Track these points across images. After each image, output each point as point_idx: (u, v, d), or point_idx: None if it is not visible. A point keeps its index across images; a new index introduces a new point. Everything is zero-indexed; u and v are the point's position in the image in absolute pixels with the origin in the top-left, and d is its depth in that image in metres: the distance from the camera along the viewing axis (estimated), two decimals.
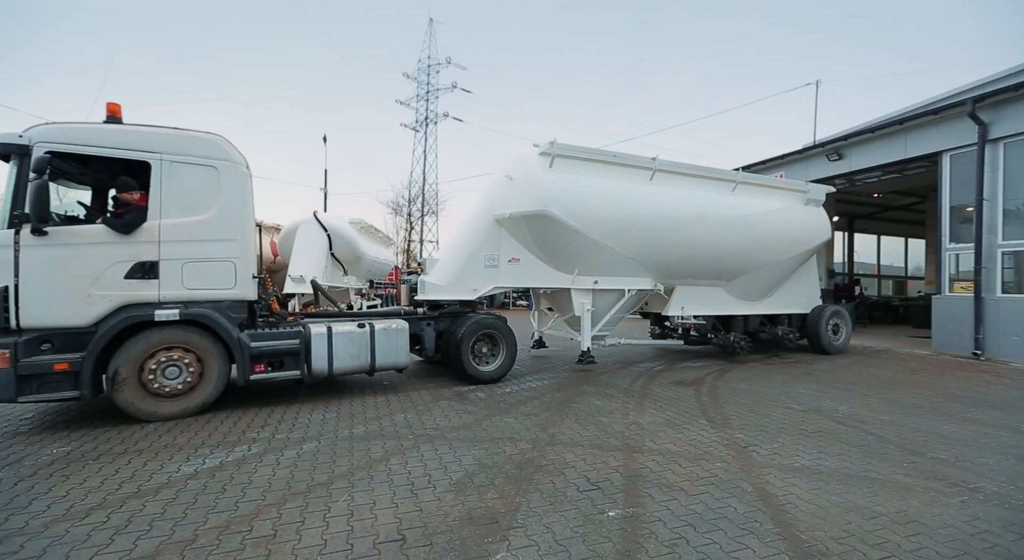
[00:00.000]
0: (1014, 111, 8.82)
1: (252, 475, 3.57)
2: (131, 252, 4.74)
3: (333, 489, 3.35)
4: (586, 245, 7.25)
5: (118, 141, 4.79)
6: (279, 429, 4.68)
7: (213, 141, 5.22)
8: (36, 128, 4.60)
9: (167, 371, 4.86)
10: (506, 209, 7.06)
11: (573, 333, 8.33)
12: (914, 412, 5.40)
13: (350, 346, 5.85)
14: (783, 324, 9.74)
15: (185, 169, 4.99)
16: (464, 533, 2.77)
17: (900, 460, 3.95)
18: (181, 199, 4.96)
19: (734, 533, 2.79)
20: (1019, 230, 8.87)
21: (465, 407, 5.53)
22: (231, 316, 5.19)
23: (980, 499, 3.25)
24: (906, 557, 2.56)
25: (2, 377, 4.25)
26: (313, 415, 5.17)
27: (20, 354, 4.31)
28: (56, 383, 4.47)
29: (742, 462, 3.87)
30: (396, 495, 3.26)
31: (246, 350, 5.20)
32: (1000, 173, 9.05)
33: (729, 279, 8.84)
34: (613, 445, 4.25)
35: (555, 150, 7.02)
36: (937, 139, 10.03)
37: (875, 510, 3.07)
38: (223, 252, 5.15)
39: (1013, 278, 9.00)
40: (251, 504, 3.12)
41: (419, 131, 41.82)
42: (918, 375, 7.57)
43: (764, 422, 4.96)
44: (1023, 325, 8.60)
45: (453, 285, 6.95)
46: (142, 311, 4.77)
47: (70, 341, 4.56)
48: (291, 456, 3.96)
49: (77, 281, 4.54)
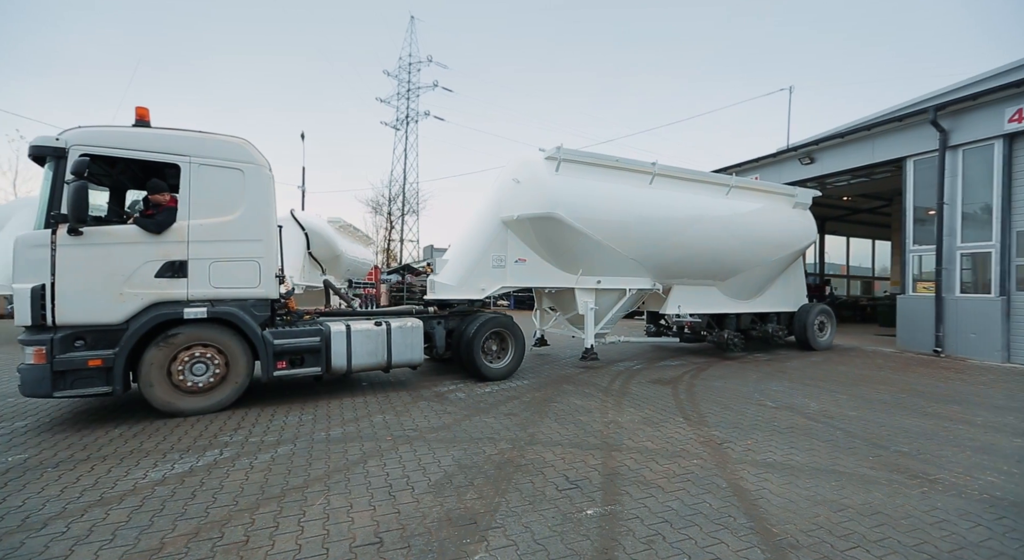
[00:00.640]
0: (972, 119, 9.25)
1: (224, 480, 3.47)
2: (161, 252, 4.89)
3: (309, 493, 3.29)
4: (590, 246, 7.50)
5: (150, 144, 4.95)
6: (253, 432, 4.56)
7: (239, 145, 5.39)
8: (71, 131, 4.74)
9: (194, 368, 5.01)
10: (513, 211, 7.26)
11: (576, 331, 8.51)
12: (879, 407, 5.60)
13: (368, 344, 6.01)
14: (772, 322, 10.17)
15: (212, 171, 5.15)
16: (443, 534, 2.76)
17: (866, 454, 4.09)
18: (209, 200, 5.12)
19: (709, 528, 2.84)
20: (976, 233, 9.30)
21: (445, 407, 5.50)
22: (255, 314, 5.34)
23: (939, 490, 3.40)
24: (870, 547, 2.66)
25: (38, 373, 4.41)
26: (288, 417, 5.06)
27: (56, 351, 4.47)
28: (89, 379, 4.61)
29: (717, 458, 3.95)
30: (374, 497, 3.22)
31: (270, 347, 5.36)
32: (959, 178, 9.47)
33: (723, 279, 9.19)
34: (592, 444, 4.28)
35: (561, 155, 7.28)
36: (902, 145, 10.44)
37: (842, 503, 3.18)
38: (248, 252, 5.30)
39: (971, 279, 9.43)
40: (222, 510, 3.03)
41: (400, 129, 41.43)
42: (883, 372, 7.87)
43: (739, 419, 5.08)
44: (980, 323, 9.03)
45: (462, 284, 7.12)
46: (171, 309, 4.91)
47: (102, 338, 4.68)
48: (265, 459, 3.87)
49: (110, 280, 4.69)
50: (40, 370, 4.42)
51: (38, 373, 4.43)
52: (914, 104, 13.65)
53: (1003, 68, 13.12)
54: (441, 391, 6.32)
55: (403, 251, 39.89)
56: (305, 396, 6.00)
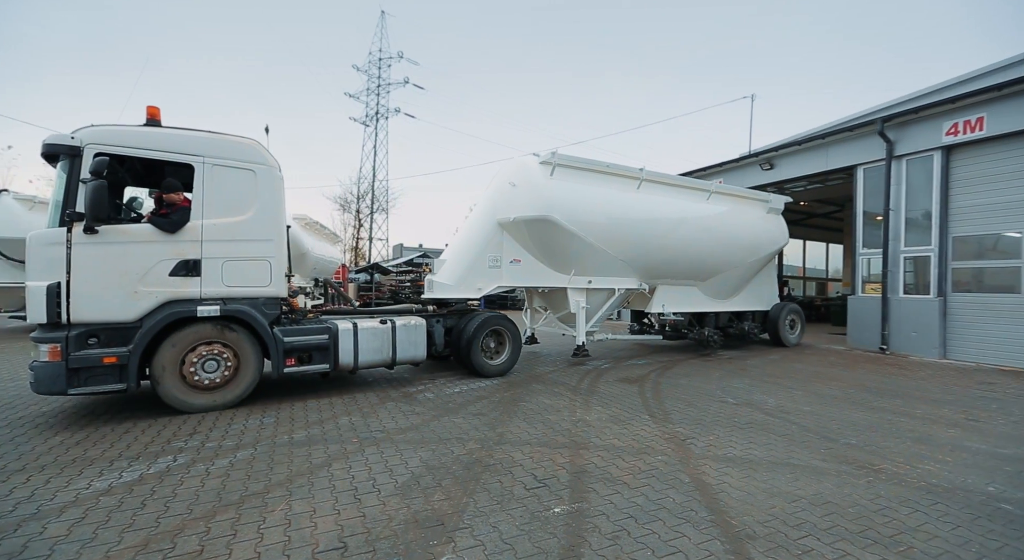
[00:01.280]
0: (914, 131, 9.88)
1: (177, 487, 3.31)
2: (176, 250, 4.94)
3: (269, 498, 3.18)
4: (583, 248, 7.81)
5: (164, 144, 5.00)
6: (210, 437, 4.37)
7: (251, 146, 5.46)
8: (86, 130, 4.74)
9: (206, 365, 5.07)
10: (510, 213, 7.48)
11: (566, 329, 8.86)
12: (831, 402, 5.91)
13: (374, 341, 6.15)
14: (748, 320, 10.73)
15: (225, 172, 5.21)
16: (409, 537, 2.72)
17: (818, 447, 4.31)
18: (221, 200, 5.18)
19: (672, 522, 2.92)
20: (918, 237, 9.94)
21: (413, 408, 5.43)
22: (266, 312, 5.42)
23: (882, 479, 3.61)
24: (820, 535, 2.80)
25: (53, 370, 4.42)
26: (249, 421, 4.88)
27: (71, 348, 4.48)
28: (102, 376, 4.64)
29: (681, 454, 4.06)
30: (338, 501, 3.14)
31: (280, 345, 5.45)
32: (903, 186, 10.10)
33: (703, 279, 9.67)
34: (560, 442, 4.32)
35: (556, 160, 7.60)
36: (853, 153, 11.03)
37: (796, 494, 3.33)
38: (260, 251, 5.38)
39: (913, 280, 10.08)
40: (175, 519, 2.89)
41: (369, 126, 40.63)
42: (835, 369, 8.30)
43: (701, 415, 5.25)
44: (920, 322, 9.66)
45: (460, 284, 7.32)
46: (185, 307, 4.96)
47: (115, 336, 4.71)
48: (223, 465, 3.71)
49: (125, 278, 4.72)
50: (55, 367, 4.43)
51: (53, 370, 4.43)
52: (865, 115, 14.45)
53: (945, 84, 14.07)
54: (409, 391, 6.24)
55: (372, 250, 39.12)
56: (267, 399, 5.79)
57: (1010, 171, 8.70)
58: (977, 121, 8.93)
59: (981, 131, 8.88)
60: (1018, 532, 2.87)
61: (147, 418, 4.89)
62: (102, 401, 5.57)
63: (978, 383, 7.15)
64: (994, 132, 8.73)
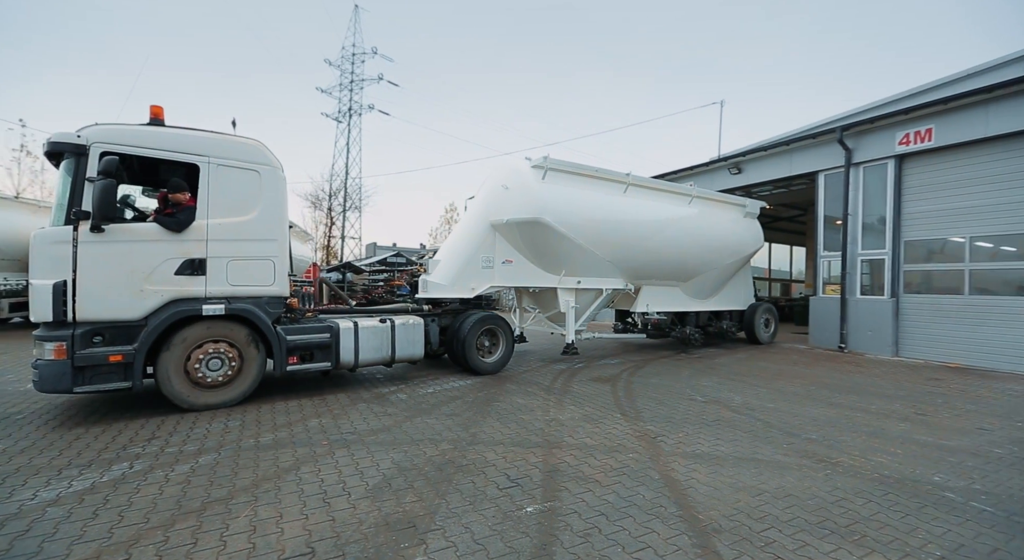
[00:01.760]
0: (870, 140, 10.39)
1: (133, 496, 3.16)
2: (181, 249, 4.97)
3: (233, 504, 3.07)
4: (573, 249, 8.03)
5: (170, 144, 5.02)
6: (170, 442, 4.19)
7: (255, 146, 5.52)
8: (91, 128, 4.74)
9: (211, 363, 5.11)
10: (503, 215, 7.66)
11: (556, 328, 9.08)
12: (793, 399, 6.15)
13: (374, 340, 6.27)
14: (727, 319, 11.24)
15: (230, 172, 5.27)
16: (379, 540, 2.68)
17: (781, 442, 4.47)
18: (226, 200, 5.23)
19: (642, 519, 2.98)
20: (874, 241, 10.45)
21: (385, 409, 5.35)
22: (269, 311, 5.47)
23: (840, 471, 3.78)
24: (782, 527, 2.91)
25: (59, 368, 4.41)
26: (213, 424, 4.70)
27: (76, 346, 4.48)
28: (107, 374, 4.65)
29: (651, 452, 4.15)
30: (306, 506, 3.07)
31: (283, 343, 5.51)
32: (861, 192, 10.60)
33: (685, 280, 10.11)
34: (533, 442, 4.34)
35: (548, 164, 7.82)
36: (815, 160, 11.50)
37: (760, 488, 3.45)
38: (264, 251, 5.44)
39: (869, 282, 10.59)
40: (130, 529, 2.76)
41: (342, 122, 39.76)
42: (797, 367, 8.64)
43: (671, 413, 5.37)
44: (875, 322, 10.16)
45: (454, 284, 7.45)
46: (190, 306, 4.99)
47: (120, 334, 4.71)
48: (183, 471, 3.57)
49: (131, 276, 4.74)
50: (61, 366, 4.41)
51: (59, 369, 4.42)
52: (828, 123, 15.08)
53: (900, 95, 14.81)
54: (382, 392, 6.14)
55: (344, 248, 38.33)
56: None
57: (955, 180, 9.25)
58: (926, 132, 9.46)
59: (930, 141, 9.41)
60: (960, 519, 3.06)
61: (101, 423, 4.65)
62: (54, 405, 5.27)
63: (926, 379, 7.58)
64: (941, 143, 9.27)
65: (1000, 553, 2.68)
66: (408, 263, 13.42)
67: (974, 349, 8.86)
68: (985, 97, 8.64)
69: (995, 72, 12.51)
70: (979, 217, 8.93)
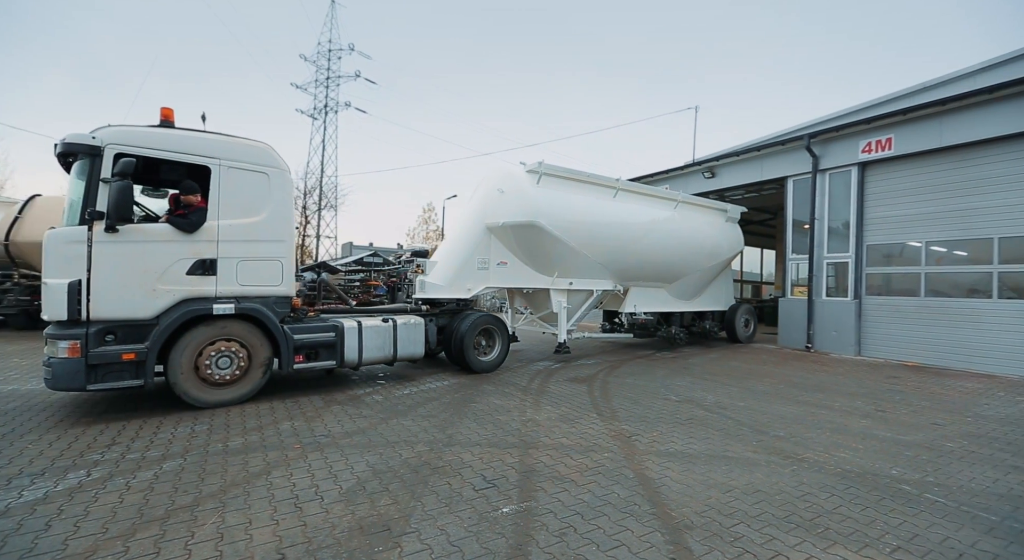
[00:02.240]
0: (836, 148, 10.82)
1: (90, 505, 3.02)
2: (193, 250, 5.05)
3: (199, 511, 2.97)
4: (565, 251, 8.32)
5: (182, 146, 5.09)
6: (132, 447, 4.02)
7: (264, 149, 5.63)
8: (105, 130, 4.79)
9: (220, 361, 5.19)
10: (498, 218, 7.88)
11: (548, 328, 9.36)
12: (763, 398, 6.34)
13: (377, 339, 6.40)
14: (709, 319, 11.79)
15: (240, 174, 5.36)
16: (353, 544, 2.64)
17: (751, 439, 4.61)
18: (237, 202, 5.32)
19: (616, 517, 3.02)
20: (839, 245, 10.88)
21: (360, 411, 5.26)
22: (277, 311, 5.58)
23: (805, 467, 3.92)
24: (751, 522, 2.99)
25: (72, 366, 4.46)
26: (178, 429, 4.54)
27: (90, 345, 4.53)
28: (120, 372, 4.71)
29: (626, 451, 4.21)
30: (277, 511, 2.99)
31: (290, 342, 5.63)
32: (826, 198, 11.02)
33: (670, 281, 10.54)
34: (510, 442, 4.35)
35: (542, 169, 8.11)
36: (784, 166, 11.90)
37: (730, 485, 3.55)
38: (272, 252, 5.55)
39: (834, 284, 11.01)
40: (86, 540, 2.63)
41: (317, 119, 38.95)
42: (767, 366, 8.91)
43: (646, 413, 5.46)
44: (839, 322, 10.58)
45: (451, 285, 7.63)
46: (201, 305, 5.07)
47: (132, 333, 4.78)
48: (146, 478, 3.43)
49: (144, 276, 4.81)
50: (75, 364, 4.46)
51: (72, 367, 4.46)
52: (796, 130, 15.62)
53: (866, 104, 15.46)
54: (357, 394, 6.05)
55: (319, 248, 37.54)
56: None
57: (913, 187, 9.72)
58: (887, 141, 9.91)
59: (890, 150, 9.86)
60: (915, 510, 3.21)
61: (55, 429, 4.43)
62: (3, 411, 4.98)
63: (886, 377, 7.93)
64: (900, 152, 9.72)
65: (950, 541, 2.83)
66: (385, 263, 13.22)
67: (929, 348, 9.32)
68: (940, 109, 9.11)
69: (955, 84, 13.21)
70: (934, 223, 9.41)
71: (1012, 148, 8.48)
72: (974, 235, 8.91)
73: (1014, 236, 8.43)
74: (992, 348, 8.55)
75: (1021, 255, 8.41)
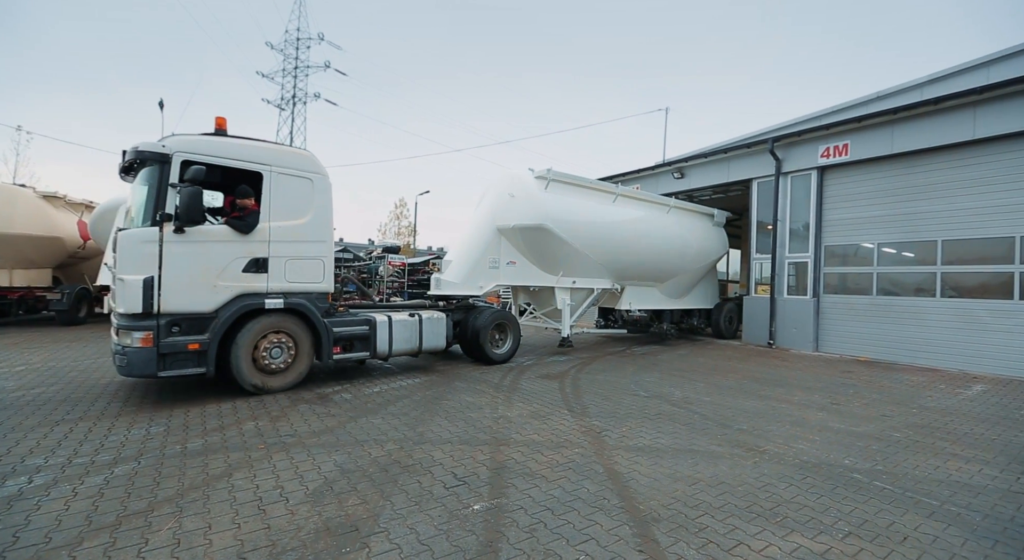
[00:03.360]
0: (797, 152, 11.27)
1: (32, 514, 2.83)
2: (248, 249, 5.52)
3: (154, 517, 2.83)
4: (570, 252, 8.95)
5: (240, 154, 5.56)
6: (79, 451, 3.80)
7: (309, 157, 6.15)
8: (173, 139, 5.24)
9: (273, 352, 5.70)
10: (508, 221, 8.45)
11: (552, 323, 10.09)
12: (727, 392, 6.55)
13: (405, 332, 6.92)
14: (696, 316, 12.86)
15: (289, 180, 5.84)
16: (319, 546, 2.57)
17: (716, 433, 4.76)
18: (285, 205, 5.79)
19: (586, 512, 3.06)
20: (799, 245, 11.35)
21: (328, 410, 5.14)
22: (319, 306, 6.05)
23: (766, 459, 4.08)
24: (714, 513, 3.09)
25: (146, 355, 4.88)
26: (132, 431, 4.31)
27: (160, 336, 4.94)
28: (185, 361, 5.12)
29: (596, 446, 4.27)
30: (239, 514, 2.89)
31: (330, 334, 6.10)
32: (789, 200, 11.47)
33: (663, 281, 11.33)
34: (481, 439, 4.34)
35: (551, 175, 8.77)
36: (749, 168, 12.31)
37: (695, 477, 3.65)
38: (315, 251, 6.04)
39: (795, 283, 11.49)
40: (25, 551, 2.47)
41: (285, 110, 37.71)
42: (732, 362, 9.22)
43: (616, 408, 5.55)
44: (799, 320, 11.05)
45: (464, 282, 8.16)
46: (255, 300, 5.54)
47: (194, 325, 5.18)
48: (95, 483, 3.24)
49: (206, 273, 5.24)
50: (148, 353, 4.87)
51: (146, 355, 4.87)
52: (761, 134, 16.16)
53: (827, 110, 16.11)
54: (325, 392, 5.90)
55: None
56: (157, 405, 5.16)
57: (867, 191, 10.24)
58: (844, 147, 10.39)
59: (846, 156, 10.34)
60: (865, 497, 3.39)
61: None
62: None
63: (841, 372, 8.34)
64: (855, 157, 10.22)
65: (896, 525, 3.00)
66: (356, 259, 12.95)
67: (880, 344, 9.86)
68: (891, 118, 9.62)
69: (908, 93, 13.94)
70: (886, 225, 9.94)
71: (956, 156, 9.04)
72: (921, 237, 9.46)
73: (956, 239, 9.01)
74: (935, 344, 9.12)
75: (962, 257, 8.99)
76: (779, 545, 2.74)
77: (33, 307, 12.68)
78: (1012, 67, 11.86)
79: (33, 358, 7.70)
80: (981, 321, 8.62)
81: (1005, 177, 8.48)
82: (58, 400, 5.26)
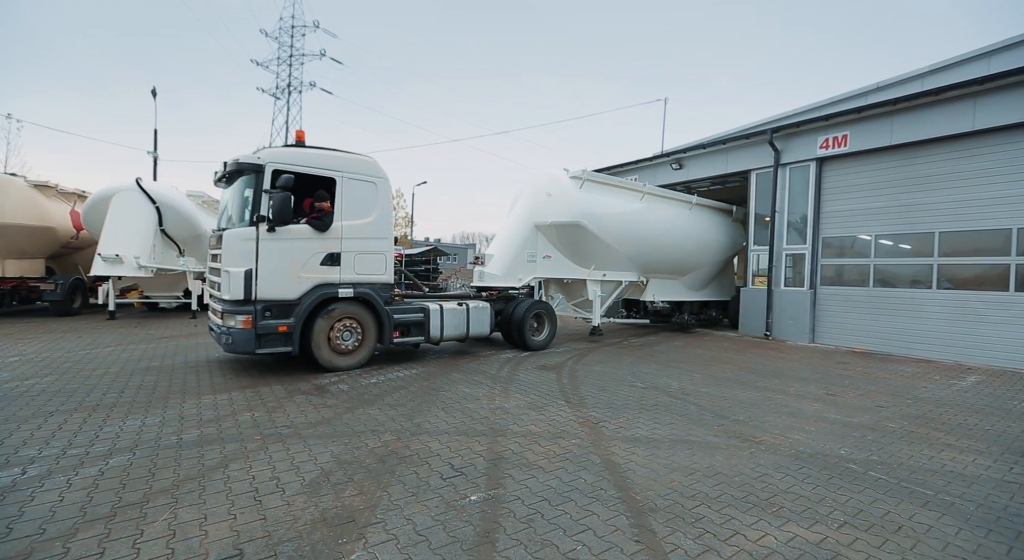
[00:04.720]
0: (796, 143, 11.21)
1: (25, 506, 2.81)
2: (324, 246, 6.32)
3: (149, 508, 2.82)
4: (601, 247, 9.74)
5: (318, 163, 6.36)
6: (74, 443, 3.78)
7: (373, 163, 6.86)
8: (266, 151, 6.18)
9: (344, 335, 6.53)
10: (546, 218, 9.25)
11: (582, 313, 10.91)
12: (724, 383, 6.57)
13: (454, 319, 7.68)
14: (715, 308, 13.60)
15: (357, 184, 6.60)
16: (316, 537, 2.56)
17: (712, 424, 4.77)
18: (354, 207, 6.55)
19: (583, 502, 3.06)
20: (797, 237, 11.34)
21: (325, 401, 5.13)
22: (382, 295, 6.83)
23: (762, 450, 4.10)
24: (711, 503, 3.10)
25: (248, 335, 5.78)
26: (127, 422, 4.29)
27: (257, 319, 5.81)
28: (275, 341, 5.99)
29: (593, 437, 4.27)
30: (235, 505, 2.88)
31: (391, 321, 6.89)
32: (787, 191, 11.43)
33: (684, 274, 12.09)
34: (479, 430, 4.34)
35: (585, 176, 9.52)
36: (748, 159, 12.24)
37: (692, 468, 3.66)
38: (379, 247, 6.81)
39: (792, 275, 11.50)
40: (20, 543, 2.45)
41: (280, 99, 37.27)
42: (728, 353, 9.25)
43: (613, 399, 5.56)
44: (796, 311, 11.08)
45: (506, 275, 8.90)
46: (330, 289, 6.36)
47: (281, 310, 6.03)
48: (90, 475, 3.23)
49: (292, 266, 6.09)
50: (248, 333, 5.77)
51: (248, 335, 5.77)
52: (760, 125, 16.06)
53: (825, 101, 16.00)
54: (322, 383, 5.89)
55: None
56: (151, 396, 5.13)
57: (865, 183, 10.21)
58: (843, 138, 10.34)
59: (845, 147, 10.29)
60: (860, 487, 3.41)
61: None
62: None
63: (836, 363, 8.38)
64: (854, 148, 10.17)
65: (891, 515, 3.02)
66: None
67: (875, 335, 9.91)
68: (891, 109, 9.55)
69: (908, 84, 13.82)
70: (883, 217, 9.93)
71: (955, 148, 9.01)
72: (918, 229, 9.46)
73: (953, 230, 9.01)
74: (930, 335, 9.16)
75: (959, 248, 9.00)
76: (775, 535, 2.75)
77: (27, 297, 12.59)
78: (1013, 58, 11.78)
79: (27, 349, 7.65)
80: (976, 312, 8.65)
81: (1004, 168, 8.46)
82: (52, 391, 5.22)
